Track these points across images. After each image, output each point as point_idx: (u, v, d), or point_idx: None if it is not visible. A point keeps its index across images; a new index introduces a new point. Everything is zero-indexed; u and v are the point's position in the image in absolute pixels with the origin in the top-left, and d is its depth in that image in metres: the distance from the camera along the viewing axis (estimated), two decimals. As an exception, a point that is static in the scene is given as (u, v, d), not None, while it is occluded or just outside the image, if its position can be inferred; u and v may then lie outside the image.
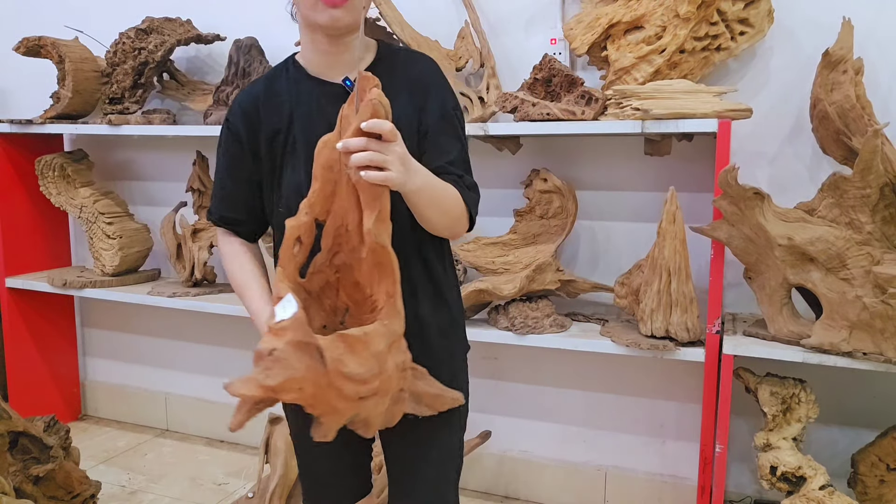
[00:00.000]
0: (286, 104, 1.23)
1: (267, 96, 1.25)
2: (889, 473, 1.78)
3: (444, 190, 1.16)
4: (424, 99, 1.23)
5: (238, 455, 2.70)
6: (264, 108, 1.24)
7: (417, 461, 1.33)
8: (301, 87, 1.24)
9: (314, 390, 0.91)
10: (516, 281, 1.97)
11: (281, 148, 1.23)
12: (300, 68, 1.26)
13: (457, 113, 1.27)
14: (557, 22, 2.11)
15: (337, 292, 1.13)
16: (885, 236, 1.61)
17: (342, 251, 1.11)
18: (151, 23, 2.47)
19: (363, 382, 0.96)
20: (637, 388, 2.21)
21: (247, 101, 1.26)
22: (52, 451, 1.90)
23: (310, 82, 1.24)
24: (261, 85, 1.28)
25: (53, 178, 2.63)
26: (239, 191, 1.29)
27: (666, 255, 1.77)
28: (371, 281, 1.08)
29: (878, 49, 1.82)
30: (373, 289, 1.08)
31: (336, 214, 1.09)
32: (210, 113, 2.37)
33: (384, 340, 1.00)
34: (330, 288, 1.13)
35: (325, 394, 0.93)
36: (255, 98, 1.26)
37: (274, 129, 1.23)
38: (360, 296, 1.11)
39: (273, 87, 1.26)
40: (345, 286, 1.13)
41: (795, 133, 1.94)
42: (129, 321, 2.96)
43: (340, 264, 1.12)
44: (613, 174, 2.15)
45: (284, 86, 1.25)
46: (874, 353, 1.59)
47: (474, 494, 2.39)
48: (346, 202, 1.08)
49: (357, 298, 1.12)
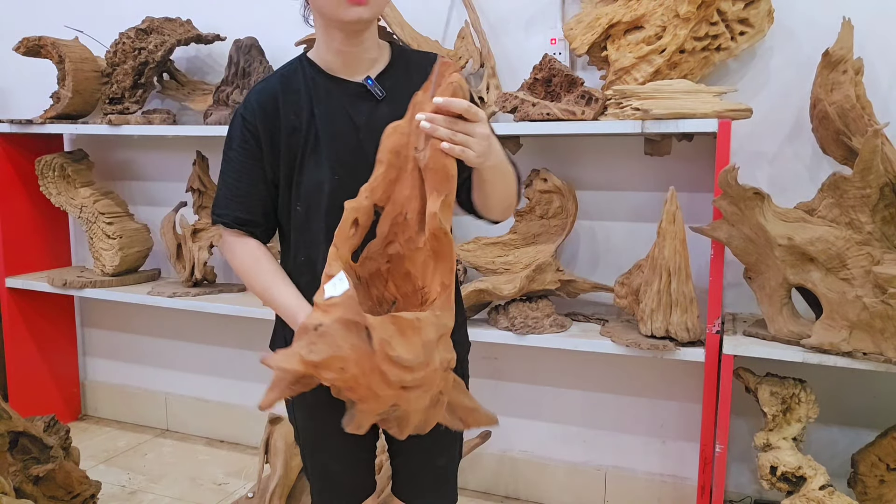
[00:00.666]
0: (304, 102, 1.22)
1: (284, 93, 1.23)
2: (889, 473, 1.78)
3: (507, 163, 1.18)
4: None
5: (238, 455, 2.70)
6: (283, 105, 1.22)
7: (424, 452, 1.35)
8: (320, 86, 1.23)
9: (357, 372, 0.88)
10: (516, 281, 1.97)
11: (300, 146, 1.21)
12: (316, 67, 1.25)
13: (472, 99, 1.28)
14: (557, 22, 2.11)
15: (386, 282, 1.10)
16: (885, 236, 1.61)
17: (397, 241, 1.08)
18: (151, 23, 2.47)
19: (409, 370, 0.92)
20: (637, 388, 2.21)
21: (264, 96, 1.23)
22: (52, 451, 1.90)
23: (329, 81, 1.23)
24: (276, 81, 1.25)
25: (53, 178, 2.63)
26: (255, 190, 1.24)
27: (666, 255, 1.77)
28: (425, 272, 1.05)
29: (878, 49, 1.82)
30: (425, 280, 1.05)
31: (396, 202, 1.06)
32: (210, 113, 2.37)
33: (435, 331, 0.96)
34: (379, 277, 1.10)
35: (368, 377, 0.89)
36: (273, 94, 1.23)
37: (292, 127, 1.21)
38: (409, 288, 1.08)
39: (289, 84, 1.24)
40: (395, 277, 1.09)
41: (795, 133, 1.94)
42: (129, 321, 2.96)
43: (394, 254, 1.08)
44: (613, 174, 2.15)
45: (302, 83, 1.23)
46: (874, 353, 1.59)
47: (474, 494, 2.39)
48: (409, 190, 1.05)
49: (406, 291, 1.08)
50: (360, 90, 1.22)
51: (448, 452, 1.39)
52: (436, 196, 1.01)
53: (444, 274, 1.02)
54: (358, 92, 1.22)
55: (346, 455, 1.37)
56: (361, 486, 1.40)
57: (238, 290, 2.53)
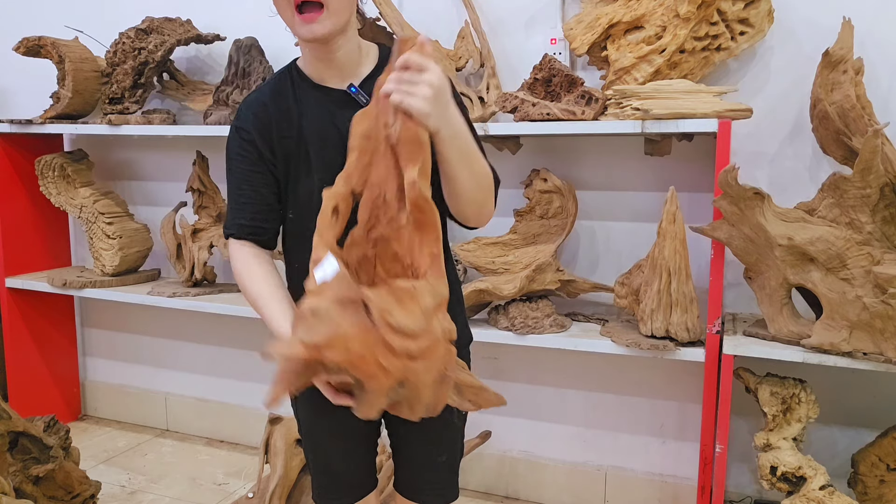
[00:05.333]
0: (294, 111, 1.23)
1: (274, 102, 1.24)
2: (889, 473, 1.78)
3: (476, 149, 1.14)
4: None
5: (238, 455, 2.70)
6: (273, 114, 1.23)
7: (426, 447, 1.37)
8: (307, 95, 1.23)
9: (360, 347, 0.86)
10: (516, 281, 1.97)
11: (292, 155, 1.22)
12: (304, 76, 1.25)
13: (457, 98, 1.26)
14: (557, 22, 2.11)
15: (374, 267, 1.09)
16: (885, 236, 1.61)
17: (380, 224, 1.07)
18: (151, 23, 2.47)
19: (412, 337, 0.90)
20: (637, 388, 2.21)
21: (255, 105, 1.25)
22: (52, 451, 1.90)
23: (315, 90, 1.24)
24: (266, 91, 1.26)
25: (53, 178, 2.63)
26: (257, 195, 1.24)
27: (666, 255, 1.77)
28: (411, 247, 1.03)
29: (878, 49, 1.82)
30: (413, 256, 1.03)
31: (373, 185, 1.05)
32: (210, 113, 2.37)
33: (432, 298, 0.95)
34: (367, 262, 1.09)
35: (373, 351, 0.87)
36: (264, 103, 1.24)
37: (283, 135, 1.23)
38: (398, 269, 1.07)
39: (279, 93, 1.25)
40: (382, 260, 1.08)
41: (795, 133, 1.94)
42: (128, 321, 2.96)
43: (378, 237, 1.07)
44: (613, 174, 2.15)
45: (290, 93, 1.24)
46: (874, 353, 1.59)
47: (474, 494, 2.39)
48: (384, 171, 1.04)
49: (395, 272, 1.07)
50: (344, 98, 1.22)
51: (450, 449, 1.40)
52: (411, 166, 1.00)
53: (431, 244, 1.01)
54: (343, 100, 1.22)
55: (349, 453, 1.38)
56: (362, 483, 1.42)
57: (238, 290, 2.52)
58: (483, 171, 1.15)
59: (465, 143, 1.09)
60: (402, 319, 0.89)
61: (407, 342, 0.90)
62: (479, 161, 1.15)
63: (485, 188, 1.17)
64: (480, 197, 1.17)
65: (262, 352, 0.86)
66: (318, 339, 0.83)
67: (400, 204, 1.04)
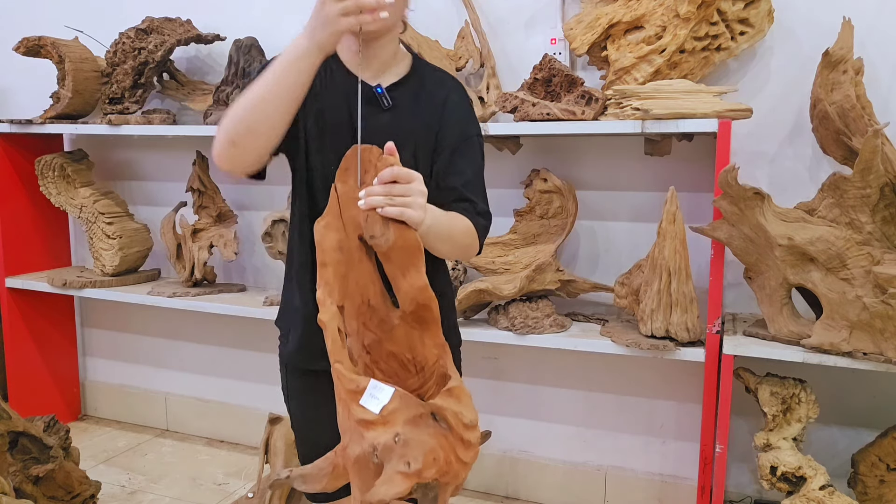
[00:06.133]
0: (318, 86, 1.22)
1: None
2: (889, 473, 1.78)
3: (451, 223, 1.17)
4: (446, 122, 1.25)
5: (238, 455, 2.70)
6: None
7: None
8: (335, 77, 1.24)
9: (445, 454, 0.92)
10: (516, 281, 1.97)
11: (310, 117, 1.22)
12: (338, 60, 1.26)
13: (479, 140, 1.29)
14: (557, 22, 2.11)
15: (373, 373, 1.10)
16: (885, 236, 1.61)
17: (369, 329, 1.09)
18: (151, 23, 2.47)
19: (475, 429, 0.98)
20: (637, 388, 2.21)
21: None
22: (52, 451, 1.90)
23: (343, 75, 1.25)
24: None
25: (53, 178, 2.63)
26: None
27: (666, 255, 1.77)
28: (410, 343, 1.07)
29: (878, 49, 1.82)
30: (414, 352, 1.08)
31: (353, 294, 1.07)
32: (210, 113, 2.37)
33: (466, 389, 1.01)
34: (365, 370, 1.10)
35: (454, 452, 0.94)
36: None
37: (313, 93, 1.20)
38: (396, 365, 1.10)
39: None
40: (379, 364, 1.11)
41: (795, 133, 1.94)
42: (128, 321, 2.96)
43: (370, 343, 1.10)
44: (613, 174, 2.15)
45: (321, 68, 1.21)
46: (874, 353, 1.59)
47: (474, 494, 2.39)
48: (365, 278, 1.07)
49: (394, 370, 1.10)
50: (368, 93, 1.23)
51: None
52: (414, 271, 1.04)
53: (436, 336, 1.05)
54: (366, 95, 1.22)
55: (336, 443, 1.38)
56: None
57: (238, 290, 2.53)
58: (464, 236, 1.19)
59: (444, 227, 1.14)
60: (470, 415, 0.96)
61: (476, 433, 0.98)
62: (459, 231, 1.19)
63: (467, 245, 1.22)
64: (463, 253, 1.23)
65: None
66: (418, 465, 0.88)
67: (386, 306, 1.08)
